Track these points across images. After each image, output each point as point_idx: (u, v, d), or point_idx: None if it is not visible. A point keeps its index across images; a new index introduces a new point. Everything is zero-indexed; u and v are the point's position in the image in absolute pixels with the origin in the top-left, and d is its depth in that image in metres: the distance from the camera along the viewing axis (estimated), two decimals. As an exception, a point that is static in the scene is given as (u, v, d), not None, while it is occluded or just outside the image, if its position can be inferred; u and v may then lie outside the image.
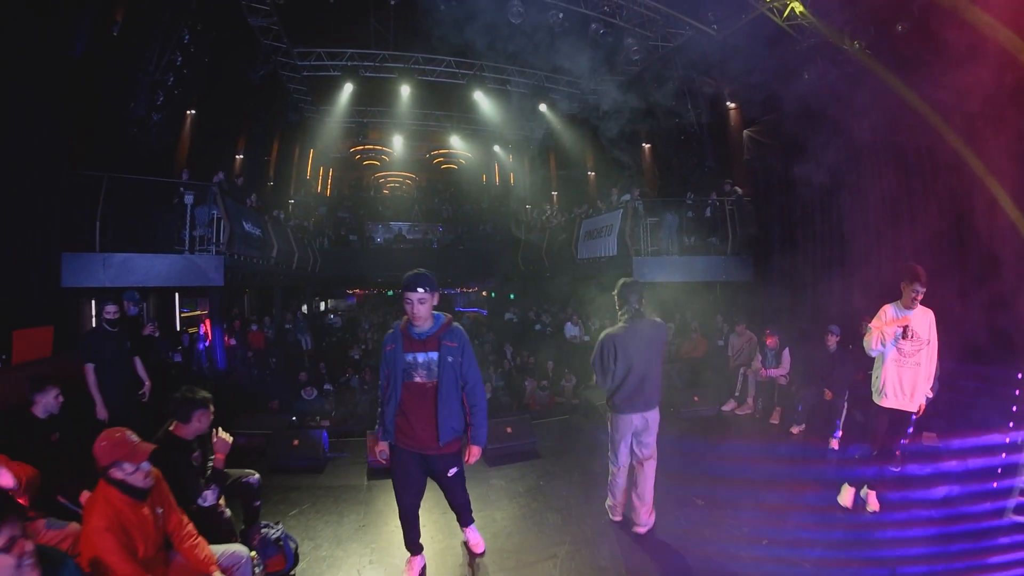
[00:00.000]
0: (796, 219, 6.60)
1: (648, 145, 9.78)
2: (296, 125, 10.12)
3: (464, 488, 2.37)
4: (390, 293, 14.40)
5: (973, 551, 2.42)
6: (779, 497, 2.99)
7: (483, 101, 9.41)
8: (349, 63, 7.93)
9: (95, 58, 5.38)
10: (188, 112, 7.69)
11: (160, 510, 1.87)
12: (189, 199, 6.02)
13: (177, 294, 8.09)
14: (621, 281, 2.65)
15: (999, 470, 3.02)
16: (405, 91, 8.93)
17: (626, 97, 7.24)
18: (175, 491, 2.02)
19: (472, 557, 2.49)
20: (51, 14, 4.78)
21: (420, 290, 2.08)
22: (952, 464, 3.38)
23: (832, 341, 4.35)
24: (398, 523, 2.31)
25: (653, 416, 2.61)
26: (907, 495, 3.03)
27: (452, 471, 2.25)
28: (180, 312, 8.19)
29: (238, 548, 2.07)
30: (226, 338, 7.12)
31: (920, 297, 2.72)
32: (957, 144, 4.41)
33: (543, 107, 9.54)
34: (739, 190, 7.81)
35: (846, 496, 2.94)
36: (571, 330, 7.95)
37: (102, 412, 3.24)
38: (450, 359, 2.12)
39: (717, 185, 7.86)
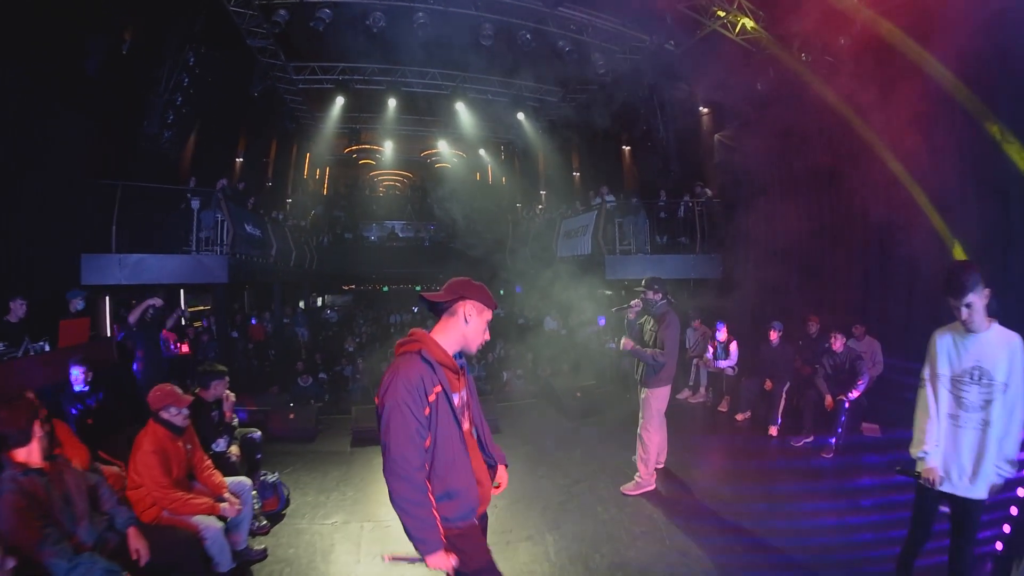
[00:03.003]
0: (759, 220, 7.11)
1: (628, 148, 10.31)
2: (294, 131, 10.68)
3: None
4: (385, 289, 14.98)
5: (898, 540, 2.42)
6: (706, 473, 3.53)
7: (466, 110, 9.98)
8: (340, 76, 8.51)
9: (108, 75, 5.93)
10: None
11: (189, 447, 2.57)
12: (196, 204, 6.61)
13: (183, 291, 8.70)
14: (654, 277, 3.17)
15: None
16: (392, 103, 9.51)
17: (598, 106, 7.74)
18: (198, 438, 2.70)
19: None
20: (68, 32, 5.31)
21: None
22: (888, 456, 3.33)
23: (774, 336, 4.70)
24: (373, 478, 2.85)
25: None
26: (842, 484, 3.25)
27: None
28: (185, 308, 8.79)
29: (243, 479, 2.73)
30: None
31: (966, 315, 1.71)
32: (886, 155, 4.89)
33: (521, 116, 10.07)
34: (709, 192, 8.30)
35: None
36: (550, 324, 8.52)
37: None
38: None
39: (690, 187, 8.35)
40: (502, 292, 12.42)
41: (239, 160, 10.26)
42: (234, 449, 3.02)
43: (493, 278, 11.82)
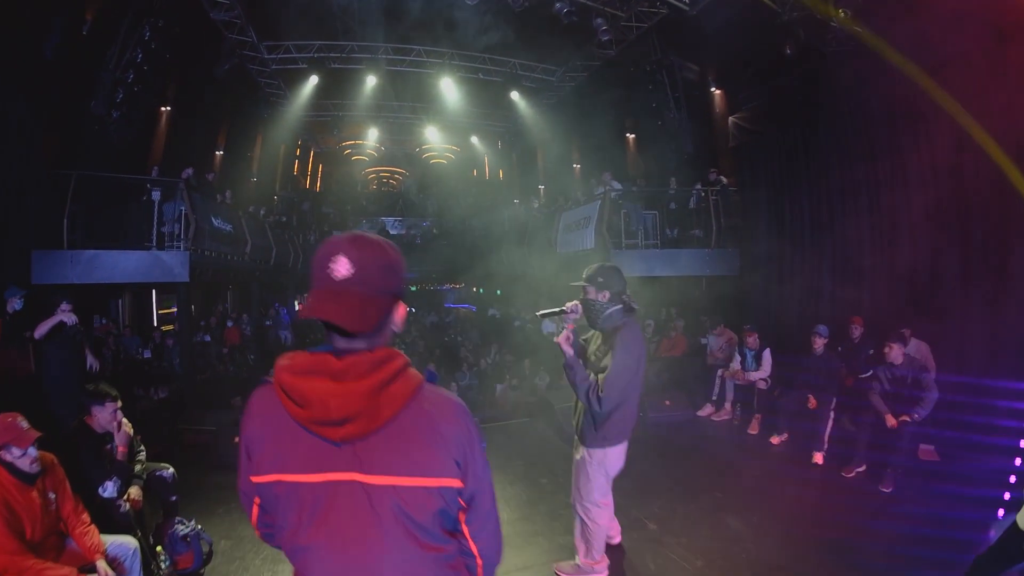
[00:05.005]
0: (784, 209, 6.37)
1: (632, 136, 9.57)
2: (268, 119, 10.09)
3: None
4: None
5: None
6: (744, 520, 2.78)
7: (456, 91, 9.25)
8: (317, 55, 7.86)
9: (64, 58, 5.41)
10: (162, 109, 7.71)
11: (53, 495, 1.90)
12: (156, 195, 6.03)
13: (154, 291, 8.11)
14: (601, 265, 1.99)
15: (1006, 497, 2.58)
16: (373, 81, 8.83)
17: (602, 84, 7.00)
18: (78, 479, 2.06)
19: None
20: (25, 14, 4.85)
21: None
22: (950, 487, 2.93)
23: (819, 343, 4.02)
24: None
25: None
26: (917, 530, 2.51)
27: None
28: (157, 310, 8.22)
29: (126, 540, 2.05)
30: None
31: None
32: (966, 123, 4.02)
33: (515, 95, 9.32)
34: (724, 179, 7.57)
35: None
36: (548, 327, 7.81)
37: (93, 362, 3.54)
38: None
39: (702, 174, 7.63)
40: (499, 292, 11.77)
41: (219, 153, 9.68)
42: (134, 492, 2.33)
43: (489, 277, 11.24)
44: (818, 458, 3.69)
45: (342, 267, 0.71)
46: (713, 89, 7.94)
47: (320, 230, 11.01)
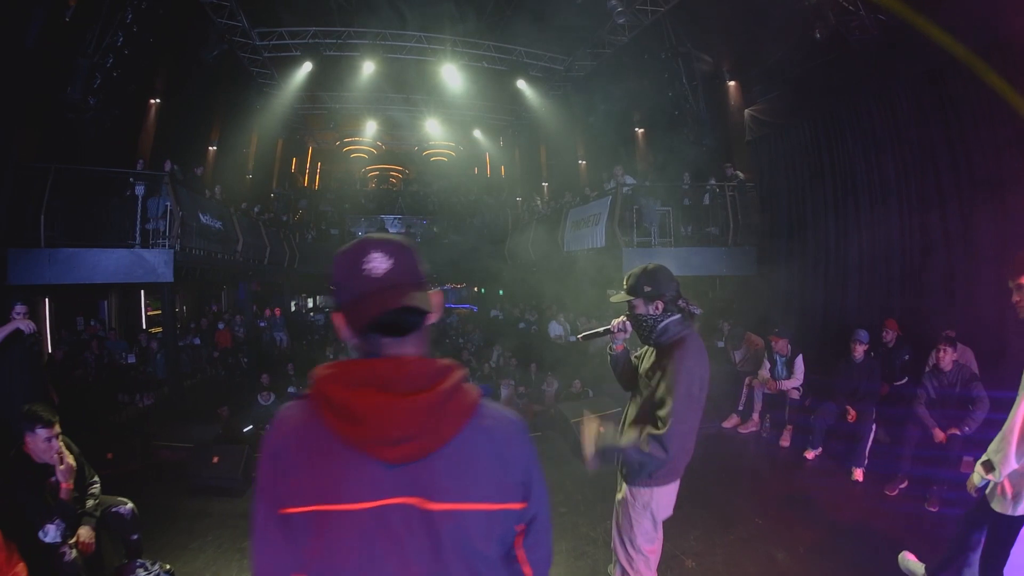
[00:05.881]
0: (805, 205, 6.00)
1: (641, 130, 9.19)
2: (263, 111, 9.71)
3: None
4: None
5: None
6: (790, 552, 2.46)
7: (458, 80, 8.82)
8: (311, 41, 7.46)
9: (44, 46, 5.07)
10: (152, 102, 7.36)
11: None
12: (140, 190, 5.69)
13: (143, 291, 7.76)
14: (644, 269, 1.61)
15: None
16: (371, 68, 8.39)
17: (612, 72, 6.61)
18: (14, 521, 1.73)
19: None
20: (4, 2, 4.55)
21: None
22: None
23: (859, 350, 3.69)
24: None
25: None
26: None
27: None
28: (146, 311, 7.85)
29: None
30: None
31: None
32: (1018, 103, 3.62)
33: (522, 83, 8.90)
34: (740, 174, 7.22)
35: None
36: (556, 329, 7.46)
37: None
38: None
39: (716, 169, 7.27)
40: (501, 292, 11.44)
41: (212, 148, 9.32)
42: (85, 534, 1.96)
43: (491, 277, 10.90)
44: (858, 475, 3.43)
45: (380, 263, 0.66)
46: (728, 81, 7.59)
47: (318, 228, 10.66)
